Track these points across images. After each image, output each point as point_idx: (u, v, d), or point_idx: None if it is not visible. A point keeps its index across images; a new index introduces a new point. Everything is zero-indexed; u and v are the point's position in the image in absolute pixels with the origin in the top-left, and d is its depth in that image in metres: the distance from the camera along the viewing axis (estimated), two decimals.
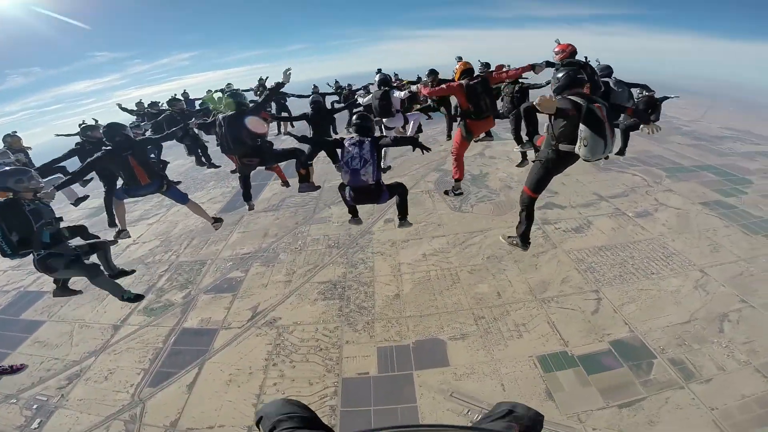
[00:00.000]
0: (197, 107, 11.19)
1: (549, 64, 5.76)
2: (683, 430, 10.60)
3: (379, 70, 8.87)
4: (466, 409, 11.85)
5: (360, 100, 8.65)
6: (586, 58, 6.07)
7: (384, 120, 8.07)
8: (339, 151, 5.12)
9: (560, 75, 3.72)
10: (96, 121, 8.71)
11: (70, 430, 12.35)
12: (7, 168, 4.28)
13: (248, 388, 13.19)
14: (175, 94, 10.30)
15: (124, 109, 10.22)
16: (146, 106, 10.43)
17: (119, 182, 6.90)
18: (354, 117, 5.23)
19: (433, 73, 8.28)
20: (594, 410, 11.46)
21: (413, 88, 7.36)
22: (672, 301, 15.62)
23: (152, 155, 7.80)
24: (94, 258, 5.08)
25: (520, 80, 7.98)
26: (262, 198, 28.95)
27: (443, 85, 6.25)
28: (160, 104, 10.29)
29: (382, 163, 7.92)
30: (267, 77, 12.04)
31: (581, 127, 3.50)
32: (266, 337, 15.59)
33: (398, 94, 7.53)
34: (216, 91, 11.56)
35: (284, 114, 11.60)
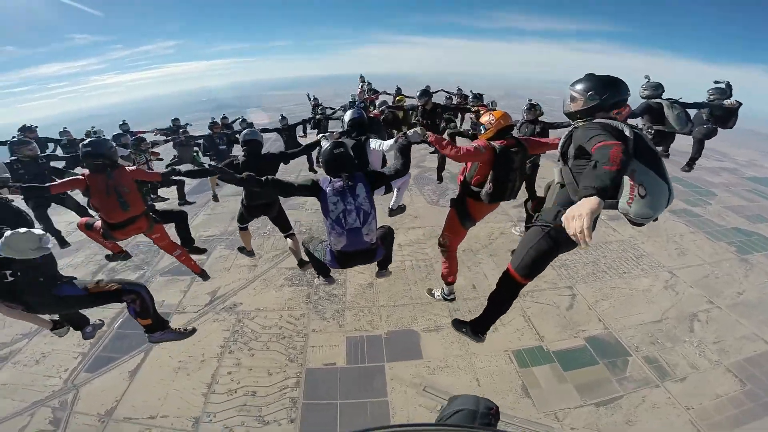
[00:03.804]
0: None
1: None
2: (662, 431, 10.32)
3: (352, 104, 6.35)
4: (440, 404, 11.12)
5: (324, 144, 5.31)
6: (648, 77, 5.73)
7: None
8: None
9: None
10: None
11: None
12: None
13: (199, 377, 11.91)
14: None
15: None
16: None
17: None
18: (329, 146, 3.24)
19: (425, 94, 6.49)
20: (571, 408, 11.02)
21: (410, 133, 4.02)
22: (644, 299, 15.62)
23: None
24: None
25: (541, 119, 7.25)
26: None
27: (471, 146, 3.76)
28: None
29: (393, 203, 5.70)
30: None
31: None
32: (224, 323, 14.29)
33: (376, 146, 4.59)
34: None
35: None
